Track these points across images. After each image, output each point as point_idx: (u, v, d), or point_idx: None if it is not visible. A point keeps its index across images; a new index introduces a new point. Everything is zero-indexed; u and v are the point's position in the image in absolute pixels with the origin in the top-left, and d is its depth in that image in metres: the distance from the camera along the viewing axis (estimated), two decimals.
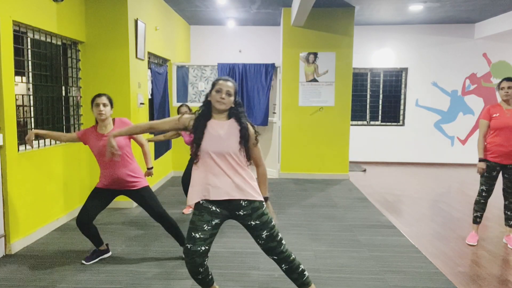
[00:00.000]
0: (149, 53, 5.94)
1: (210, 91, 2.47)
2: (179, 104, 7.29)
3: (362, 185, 6.69)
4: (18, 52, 3.88)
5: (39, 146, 4.16)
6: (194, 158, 2.45)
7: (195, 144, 2.43)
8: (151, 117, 6.16)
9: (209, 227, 2.41)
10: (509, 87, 3.89)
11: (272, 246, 2.48)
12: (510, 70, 8.67)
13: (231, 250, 3.79)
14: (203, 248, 2.37)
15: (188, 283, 3.10)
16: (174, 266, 3.42)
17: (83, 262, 3.44)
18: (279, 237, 2.51)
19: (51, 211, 4.33)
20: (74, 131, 4.94)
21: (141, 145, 3.57)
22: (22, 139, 3.97)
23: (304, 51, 7.18)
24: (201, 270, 2.42)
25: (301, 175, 7.35)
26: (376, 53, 8.80)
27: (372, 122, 9.11)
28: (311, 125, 7.24)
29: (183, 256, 2.45)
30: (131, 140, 3.47)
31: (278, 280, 3.19)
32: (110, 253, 3.63)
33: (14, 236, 3.69)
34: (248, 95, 7.20)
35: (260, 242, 2.48)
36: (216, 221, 2.44)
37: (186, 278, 3.18)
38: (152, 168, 3.67)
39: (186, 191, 4.99)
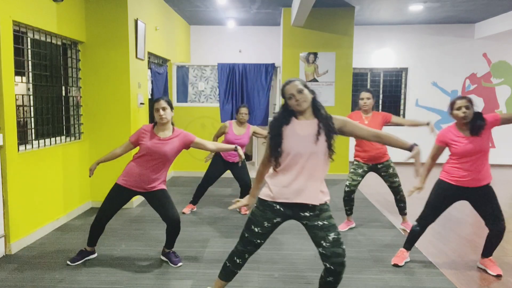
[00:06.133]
0: (149, 53, 5.94)
1: (286, 102, 2.37)
2: (179, 104, 7.30)
3: (362, 185, 6.66)
4: (18, 52, 3.88)
5: (39, 146, 4.16)
6: (276, 161, 2.35)
7: (273, 146, 2.34)
8: (151, 117, 6.15)
9: (269, 225, 2.43)
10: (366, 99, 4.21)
11: (337, 252, 2.34)
12: (510, 70, 8.67)
13: (231, 250, 3.78)
14: (258, 241, 2.46)
15: (188, 283, 3.10)
16: (174, 266, 3.42)
17: (69, 263, 3.42)
18: (344, 246, 2.38)
19: (51, 211, 4.33)
20: (74, 131, 4.94)
21: (209, 148, 3.41)
22: (22, 139, 3.97)
23: (304, 51, 7.18)
24: (247, 256, 2.53)
25: None
26: (376, 53, 8.80)
27: None
28: None
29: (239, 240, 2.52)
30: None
31: (278, 280, 3.19)
32: (95, 255, 3.59)
33: (14, 236, 3.69)
34: (248, 95, 7.20)
35: (324, 244, 2.34)
36: (278, 219, 2.44)
37: (186, 278, 3.19)
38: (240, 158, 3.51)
39: (199, 191, 4.99)
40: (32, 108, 4.14)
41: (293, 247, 3.89)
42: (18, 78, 3.94)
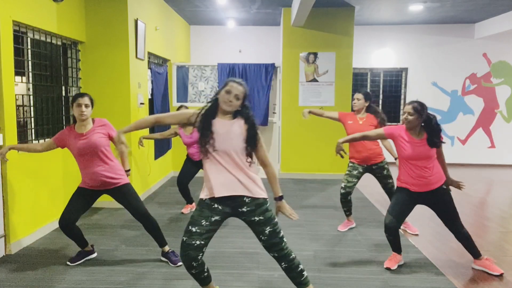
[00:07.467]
0: (149, 53, 5.94)
1: (221, 89, 2.46)
2: (179, 104, 7.30)
3: (362, 185, 6.67)
4: (18, 52, 3.88)
5: None
6: (203, 155, 2.45)
7: (201, 142, 2.42)
8: None
9: (207, 223, 2.43)
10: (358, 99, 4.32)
11: (274, 243, 2.49)
12: (510, 70, 8.67)
13: (231, 250, 3.79)
14: (197, 242, 2.40)
15: (188, 283, 3.10)
16: (174, 266, 3.42)
17: (68, 263, 3.42)
18: (281, 234, 2.52)
19: (51, 211, 4.33)
20: None
21: (117, 148, 3.46)
22: (22, 139, 3.97)
23: (304, 51, 7.18)
24: (195, 264, 2.44)
25: (301, 175, 7.34)
26: (376, 53, 8.80)
27: None
28: (311, 125, 7.23)
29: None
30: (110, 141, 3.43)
31: (278, 280, 3.19)
32: (95, 254, 3.59)
33: (14, 236, 3.69)
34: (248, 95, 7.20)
35: (262, 238, 2.49)
36: (216, 218, 2.46)
37: (186, 278, 3.18)
38: (129, 170, 3.55)
39: (182, 191, 4.98)
40: (32, 108, 4.14)
41: (293, 247, 3.85)
42: (18, 78, 3.94)
